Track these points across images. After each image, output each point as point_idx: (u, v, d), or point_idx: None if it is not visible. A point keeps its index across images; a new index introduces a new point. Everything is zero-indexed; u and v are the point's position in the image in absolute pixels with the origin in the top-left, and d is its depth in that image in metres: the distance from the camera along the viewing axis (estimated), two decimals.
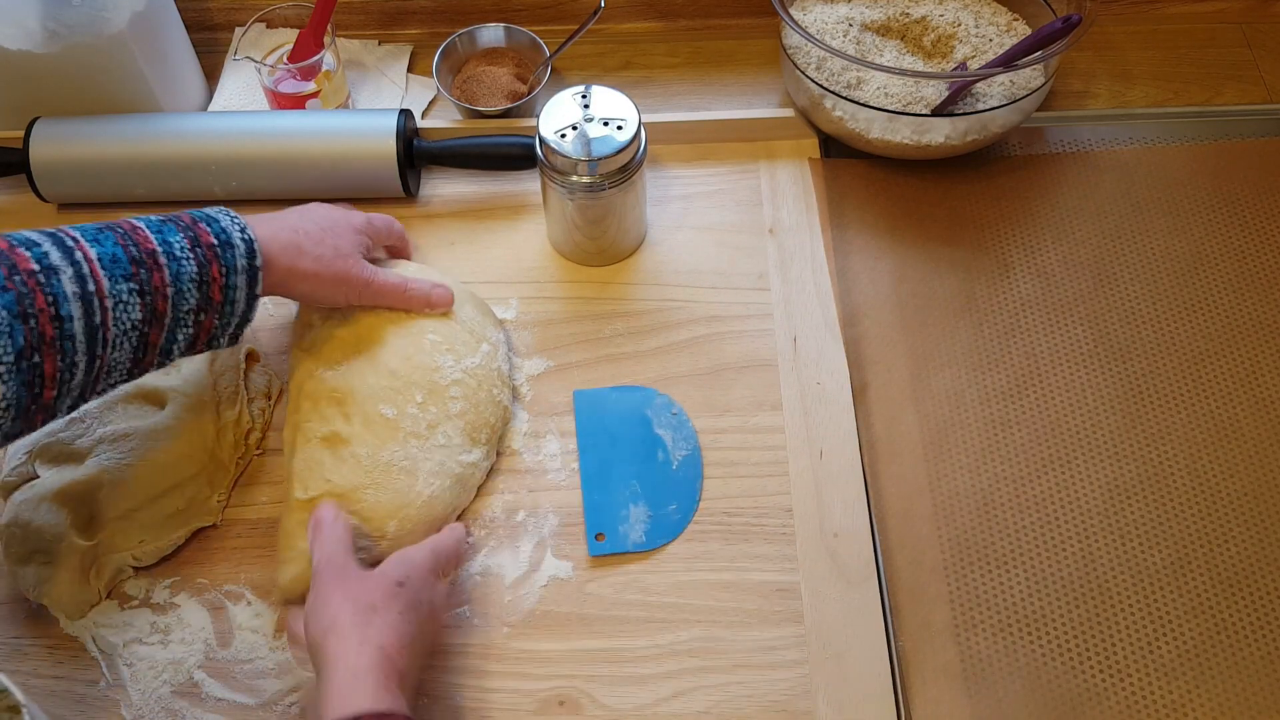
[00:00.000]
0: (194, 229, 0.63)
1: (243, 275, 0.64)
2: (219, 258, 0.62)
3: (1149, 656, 0.68)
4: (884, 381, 0.79)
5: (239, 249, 0.64)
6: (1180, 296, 0.83)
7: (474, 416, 0.73)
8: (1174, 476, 0.75)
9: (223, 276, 0.63)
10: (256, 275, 0.64)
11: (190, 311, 0.62)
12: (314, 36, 0.88)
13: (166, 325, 0.61)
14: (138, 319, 0.59)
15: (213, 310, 0.63)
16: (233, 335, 0.66)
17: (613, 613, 0.70)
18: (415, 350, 0.73)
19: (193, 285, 0.61)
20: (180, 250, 0.61)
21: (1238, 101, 0.95)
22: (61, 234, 0.58)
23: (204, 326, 0.63)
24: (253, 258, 0.64)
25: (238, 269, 0.63)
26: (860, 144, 0.88)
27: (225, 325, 0.65)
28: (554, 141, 0.77)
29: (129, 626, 0.69)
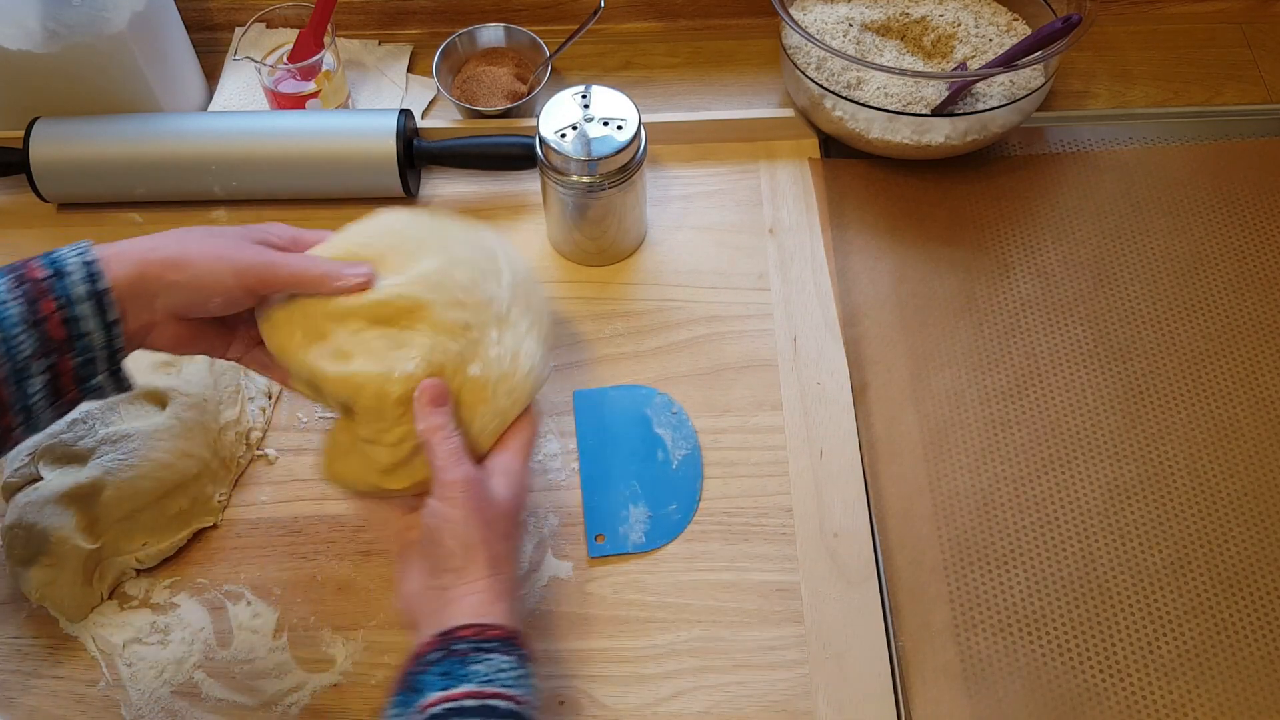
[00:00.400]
0: (23, 267, 0.57)
1: (88, 303, 0.56)
2: (50, 290, 0.55)
3: (1149, 656, 0.68)
4: (884, 381, 0.79)
5: (74, 274, 0.56)
6: (1180, 296, 0.83)
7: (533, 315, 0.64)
8: (1174, 476, 0.75)
9: (60, 310, 0.55)
10: (104, 298, 0.56)
11: (33, 356, 0.55)
12: (314, 36, 0.88)
13: (7, 379, 0.55)
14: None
15: (63, 350, 0.56)
16: (112, 374, 0.59)
17: (613, 613, 0.70)
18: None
19: (22, 328, 0.55)
20: (4, 293, 0.55)
21: (1238, 101, 0.95)
22: None
23: (61, 370, 0.56)
24: (94, 280, 0.56)
25: (78, 297, 0.56)
26: (860, 144, 0.88)
27: (90, 363, 0.57)
28: (554, 141, 0.77)
29: (129, 626, 0.69)
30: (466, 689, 0.53)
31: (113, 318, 0.57)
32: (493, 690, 0.53)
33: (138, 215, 0.89)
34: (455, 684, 0.53)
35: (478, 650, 0.54)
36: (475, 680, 0.53)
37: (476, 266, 0.64)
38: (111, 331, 0.57)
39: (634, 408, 0.78)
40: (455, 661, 0.54)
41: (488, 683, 0.53)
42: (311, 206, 0.89)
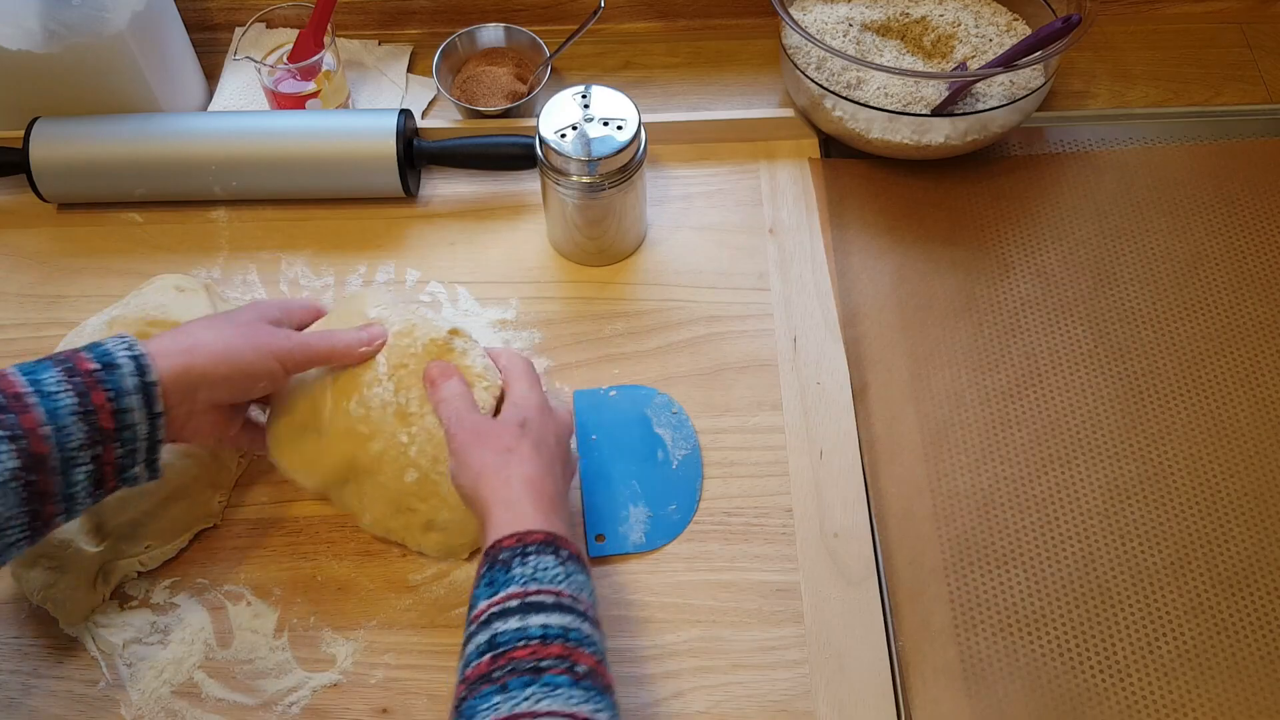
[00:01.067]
0: (72, 359, 0.59)
1: (135, 395, 0.59)
2: (101, 383, 0.58)
3: (1149, 656, 0.68)
4: (884, 381, 0.79)
5: (124, 368, 0.59)
6: (1180, 296, 0.83)
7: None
8: (1174, 476, 0.75)
9: (110, 401, 0.58)
10: (152, 391, 0.59)
11: (81, 447, 0.57)
12: (314, 36, 0.88)
13: (55, 468, 0.57)
14: (14, 467, 0.55)
15: (109, 440, 0.58)
16: (149, 463, 0.62)
17: (613, 613, 0.70)
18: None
19: (75, 419, 0.57)
20: (53, 384, 0.57)
21: (1238, 101, 0.95)
22: None
23: (105, 460, 0.59)
24: (144, 373, 0.59)
25: (127, 389, 0.59)
26: (860, 144, 0.88)
27: (131, 454, 0.60)
28: (554, 141, 0.77)
29: (129, 626, 0.69)
30: (509, 591, 0.55)
31: (158, 410, 0.60)
32: (535, 588, 0.56)
33: (138, 215, 0.89)
34: (499, 589, 0.56)
35: (518, 556, 0.57)
36: (516, 583, 0.56)
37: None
38: (155, 423, 0.61)
39: (634, 408, 0.78)
40: (499, 570, 0.57)
41: (529, 582, 0.56)
42: (311, 206, 0.89)
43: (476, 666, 0.53)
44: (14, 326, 0.83)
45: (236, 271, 0.86)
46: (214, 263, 0.86)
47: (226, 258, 0.86)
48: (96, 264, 0.86)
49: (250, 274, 0.85)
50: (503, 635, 0.54)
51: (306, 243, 0.87)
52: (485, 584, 0.57)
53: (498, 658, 0.53)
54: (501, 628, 0.54)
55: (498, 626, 0.54)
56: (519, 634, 0.53)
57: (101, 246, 0.87)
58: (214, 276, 0.85)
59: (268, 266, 0.86)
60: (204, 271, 0.85)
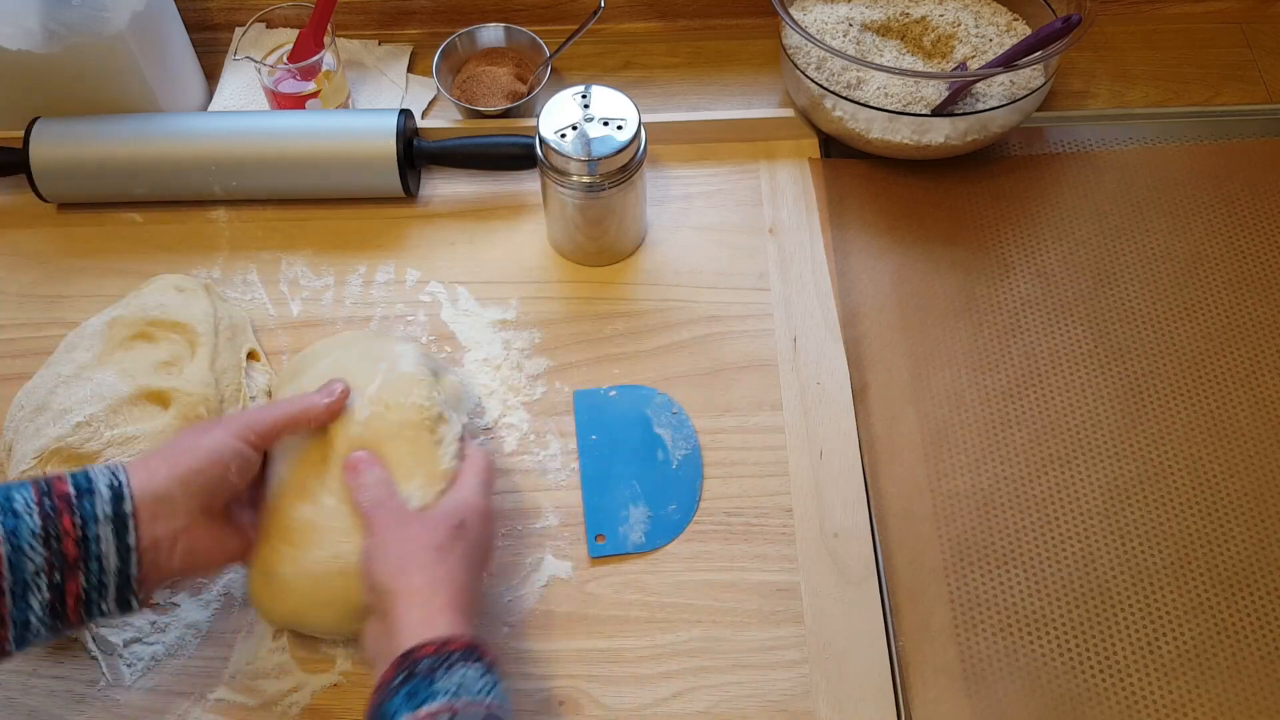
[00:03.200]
0: (50, 481, 0.57)
1: (106, 525, 0.56)
2: (72, 507, 0.56)
3: (1149, 656, 0.68)
4: (884, 381, 0.79)
5: (101, 495, 0.56)
6: (1180, 296, 0.83)
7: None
8: (1174, 476, 0.75)
9: (77, 529, 0.55)
10: (126, 522, 0.56)
11: (39, 572, 0.54)
12: (314, 36, 0.88)
13: (6, 589, 0.54)
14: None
15: (72, 569, 0.55)
16: (119, 600, 0.57)
17: (613, 613, 0.70)
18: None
19: (36, 542, 0.54)
20: (22, 505, 0.55)
21: (1238, 101, 0.95)
22: None
23: (67, 590, 0.56)
24: (119, 502, 0.56)
25: (98, 518, 0.56)
26: (860, 144, 0.88)
27: (100, 588, 0.57)
28: (554, 141, 0.77)
29: (129, 626, 0.69)
30: (436, 705, 0.52)
31: (130, 542, 0.57)
32: (463, 703, 0.53)
33: (138, 215, 0.89)
34: (424, 702, 0.52)
35: (441, 666, 0.54)
36: (443, 695, 0.53)
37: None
38: (127, 557, 0.57)
39: (634, 408, 0.78)
40: (420, 681, 0.53)
41: (456, 696, 0.53)
42: (311, 206, 0.89)
43: None
44: (14, 326, 0.83)
45: (236, 271, 0.86)
46: (214, 263, 0.86)
47: (226, 258, 0.86)
48: (96, 264, 0.86)
49: (250, 274, 0.85)
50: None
51: (306, 243, 0.87)
52: (405, 695, 0.53)
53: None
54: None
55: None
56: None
57: (101, 246, 0.87)
58: (214, 276, 0.85)
59: (268, 266, 0.86)
60: (204, 271, 0.85)
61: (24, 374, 0.75)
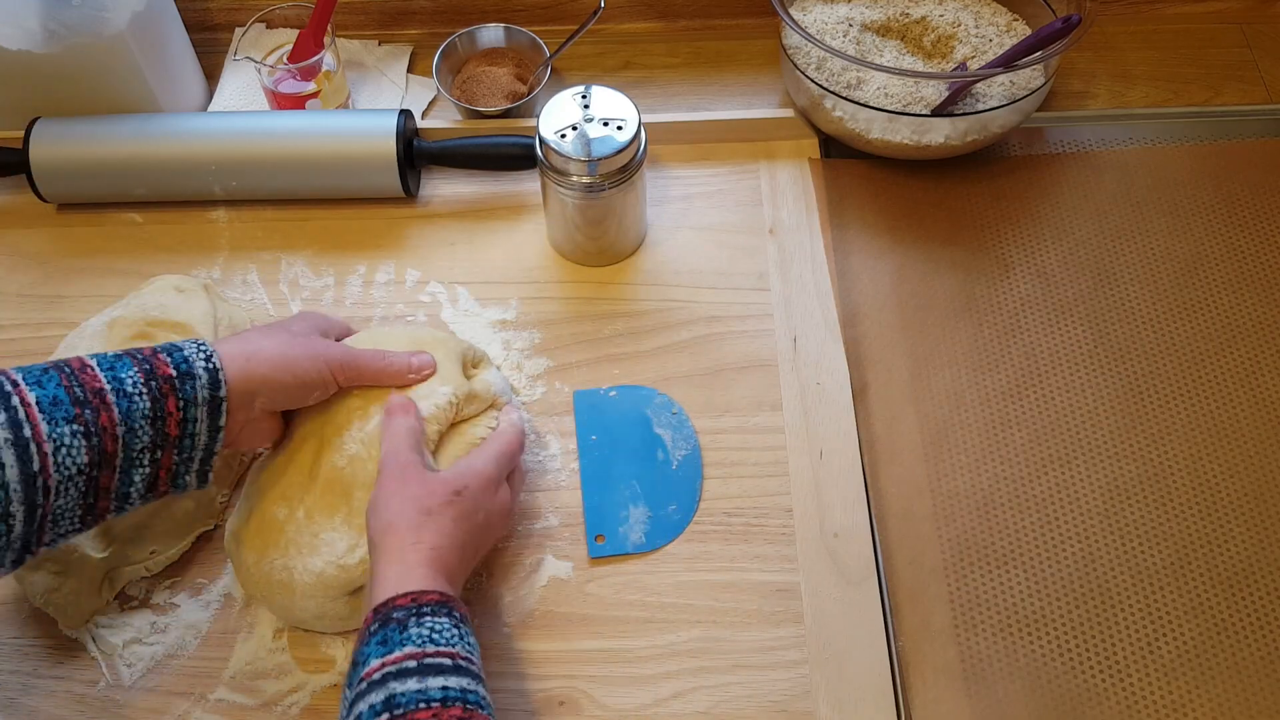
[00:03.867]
0: (152, 360, 0.59)
1: (203, 408, 0.60)
2: (175, 390, 0.59)
3: (1149, 656, 0.68)
4: (884, 381, 0.79)
5: (200, 379, 0.60)
6: (1180, 296, 0.83)
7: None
8: (1174, 476, 0.75)
9: (179, 410, 0.59)
10: (220, 407, 0.61)
11: (144, 450, 0.58)
12: (314, 36, 0.88)
13: (119, 466, 0.58)
14: (83, 462, 0.56)
15: (170, 446, 0.59)
16: (199, 473, 0.62)
17: (613, 613, 0.70)
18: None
19: (145, 422, 0.58)
20: (132, 386, 0.58)
21: (1238, 101, 0.95)
22: (1, 377, 0.56)
23: (162, 464, 0.60)
24: (216, 388, 0.60)
25: (198, 401, 0.59)
26: (860, 144, 0.88)
27: (187, 461, 0.61)
28: (554, 141, 0.77)
29: (129, 627, 0.69)
30: (405, 651, 0.54)
31: (221, 423, 0.61)
32: (432, 650, 0.55)
33: (138, 215, 0.89)
34: (394, 649, 0.54)
35: (414, 615, 0.56)
36: (413, 643, 0.55)
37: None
38: (216, 436, 0.61)
39: (634, 408, 0.78)
40: (393, 629, 0.55)
41: (426, 643, 0.55)
42: (311, 206, 0.89)
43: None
44: (14, 326, 0.83)
45: (236, 272, 0.86)
46: (214, 263, 0.86)
47: (226, 258, 0.86)
48: (96, 264, 0.86)
49: (250, 274, 0.85)
50: (401, 696, 0.52)
51: (306, 243, 0.87)
52: (377, 642, 0.55)
53: (397, 719, 0.51)
54: (399, 689, 0.53)
55: (395, 687, 0.53)
56: (419, 695, 0.52)
57: (101, 246, 0.87)
58: (214, 277, 0.85)
59: (268, 267, 0.86)
60: (204, 272, 0.85)
61: None
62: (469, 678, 0.55)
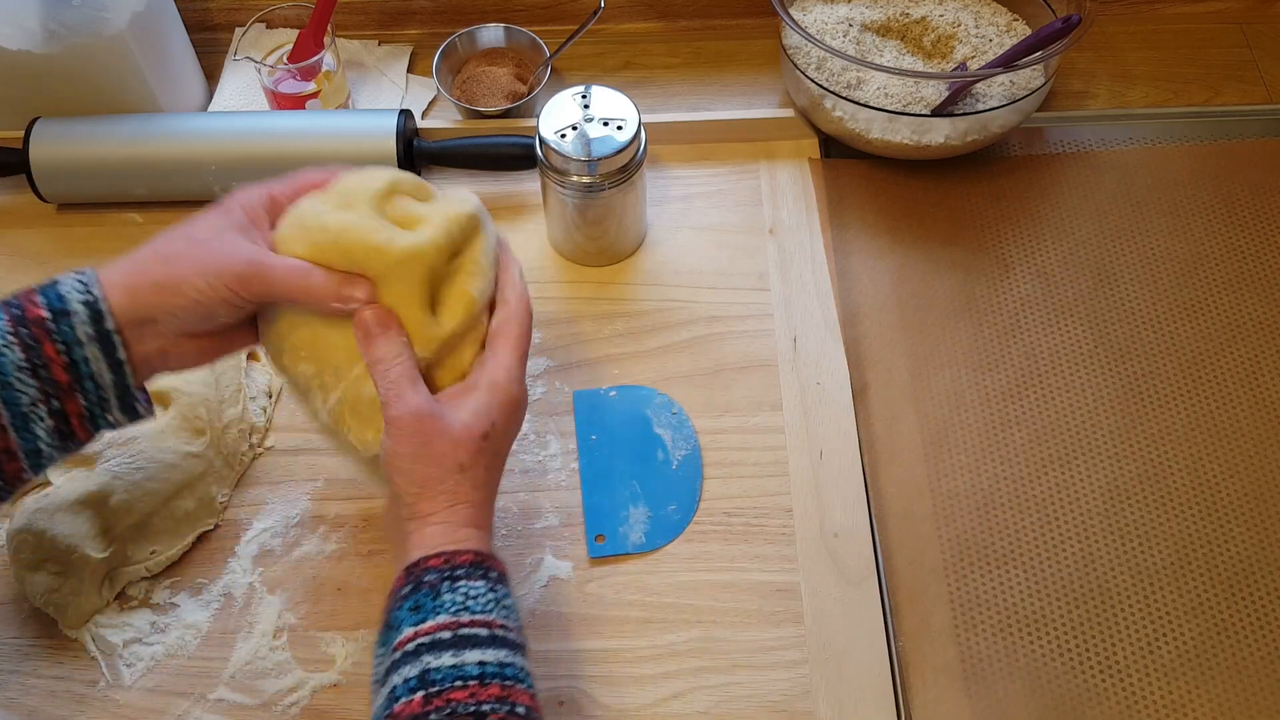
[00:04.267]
0: (22, 304, 0.53)
1: (93, 345, 0.54)
2: (51, 334, 0.53)
3: (1149, 656, 0.68)
4: (884, 381, 0.79)
5: (78, 315, 0.53)
6: (1180, 296, 0.83)
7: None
8: (1174, 476, 0.75)
9: (62, 355, 0.53)
10: (111, 339, 0.54)
11: (36, 402, 0.53)
12: (314, 36, 0.88)
13: (9, 425, 0.53)
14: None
15: (68, 391, 0.54)
16: (123, 408, 0.56)
17: (613, 613, 0.70)
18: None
19: (24, 374, 0.53)
20: (0, 338, 0.53)
21: (1238, 101, 0.95)
22: None
23: (69, 411, 0.54)
24: (99, 320, 0.54)
25: (80, 340, 0.53)
26: (860, 144, 0.88)
27: (101, 402, 0.55)
28: (554, 141, 0.77)
29: (129, 626, 0.69)
30: (439, 620, 0.51)
31: (121, 356, 0.55)
32: (467, 619, 0.52)
33: (138, 215, 0.89)
34: (427, 617, 0.52)
35: (447, 579, 0.53)
36: (446, 611, 0.52)
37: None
38: (121, 370, 0.55)
39: (634, 408, 0.78)
40: (426, 594, 0.52)
41: (461, 611, 0.52)
42: None
43: (408, 704, 0.49)
44: None
45: None
46: None
47: None
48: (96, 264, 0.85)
49: None
50: (436, 672, 0.50)
51: None
52: (409, 608, 0.52)
53: (432, 697, 0.49)
54: (434, 663, 0.50)
55: (429, 661, 0.50)
56: (455, 672, 0.50)
57: (101, 246, 0.87)
58: None
59: None
60: None
61: None
62: (506, 648, 0.52)
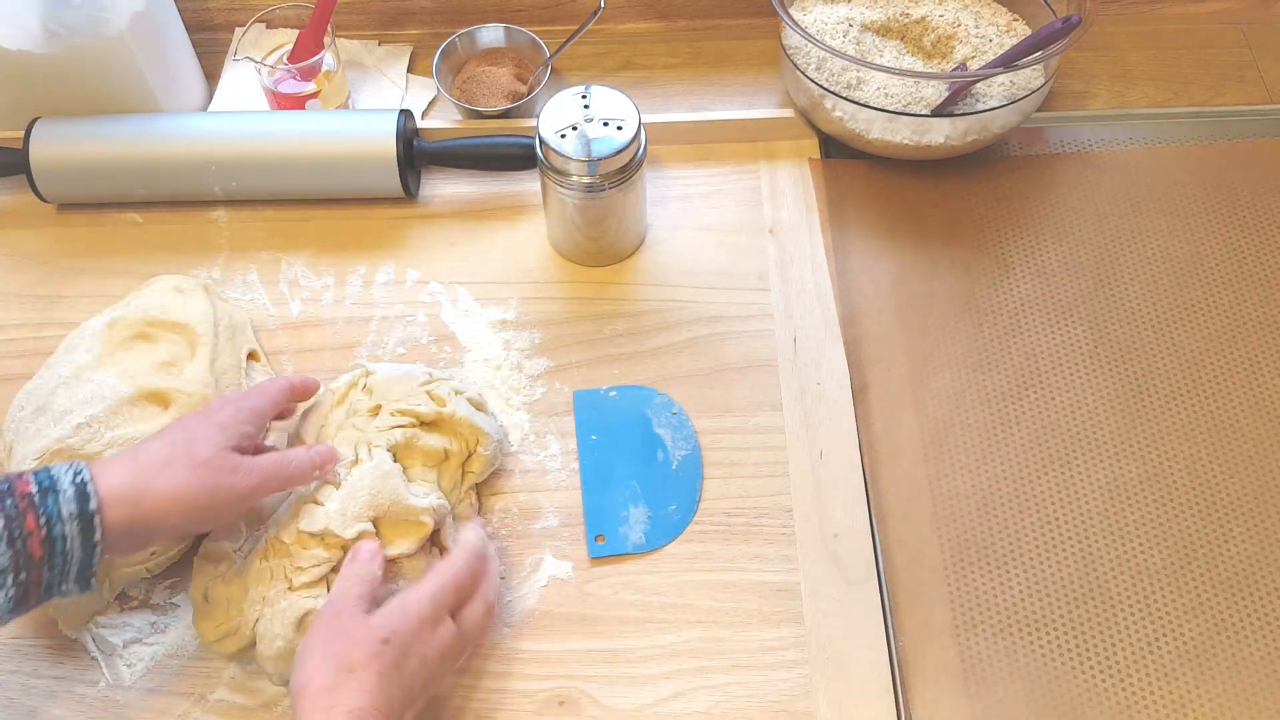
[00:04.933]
0: (11, 481, 0.56)
1: (72, 523, 0.56)
2: (35, 507, 0.56)
3: (1149, 656, 0.68)
4: (884, 381, 0.79)
5: (64, 494, 0.56)
6: (1180, 296, 0.83)
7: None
8: (1174, 476, 0.75)
9: (42, 529, 0.55)
10: (92, 521, 0.56)
11: (4, 571, 0.55)
12: (314, 37, 0.88)
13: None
14: None
15: (35, 566, 0.56)
16: (80, 580, 0.58)
17: (613, 613, 0.70)
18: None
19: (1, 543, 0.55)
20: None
21: (1238, 101, 0.95)
22: None
23: (30, 583, 0.56)
24: (84, 501, 0.56)
25: (63, 517, 0.56)
26: (860, 144, 0.88)
27: (62, 574, 0.57)
28: (554, 142, 0.77)
29: (129, 626, 0.69)
30: None
31: (96, 539, 0.57)
32: None
33: (138, 215, 0.89)
34: None
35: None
36: None
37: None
38: (92, 551, 0.57)
39: (634, 408, 0.78)
40: None
41: None
42: (311, 206, 0.89)
43: None
44: (14, 326, 0.83)
45: (236, 272, 0.86)
46: (214, 263, 0.86)
47: (226, 258, 0.86)
48: (96, 264, 0.86)
49: (250, 274, 0.85)
50: None
51: (306, 243, 0.87)
52: None
53: None
54: None
55: None
56: None
57: (101, 246, 0.87)
58: (214, 277, 0.85)
59: (268, 267, 0.86)
60: (204, 272, 0.85)
61: (24, 374, 0.75)
62: None
